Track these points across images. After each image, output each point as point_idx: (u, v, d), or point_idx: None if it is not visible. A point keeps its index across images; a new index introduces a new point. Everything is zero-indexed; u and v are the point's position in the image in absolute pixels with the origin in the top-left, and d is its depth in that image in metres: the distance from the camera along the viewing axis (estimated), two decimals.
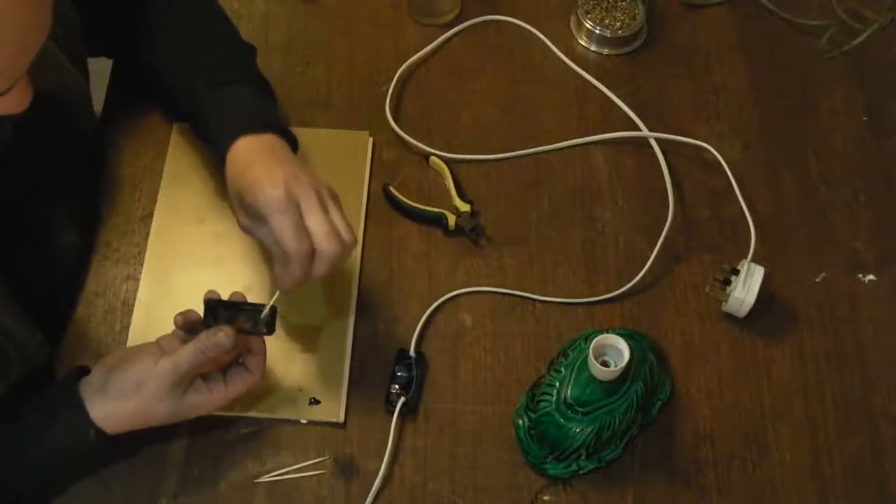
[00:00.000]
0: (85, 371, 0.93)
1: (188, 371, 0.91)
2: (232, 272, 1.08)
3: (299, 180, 0.94)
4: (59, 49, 1.02)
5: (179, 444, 0.99)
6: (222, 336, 0.91)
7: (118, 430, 0.92)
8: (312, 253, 0.92)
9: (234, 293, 0.96)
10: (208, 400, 0.93)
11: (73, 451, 0.92)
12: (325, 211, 0.93)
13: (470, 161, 1.18)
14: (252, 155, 0.97)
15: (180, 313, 0.95)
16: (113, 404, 0.90)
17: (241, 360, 0.96)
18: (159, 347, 0.94)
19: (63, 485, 0.97)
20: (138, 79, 1.14)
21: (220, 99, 1.04)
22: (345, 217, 0.95)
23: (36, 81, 0.79)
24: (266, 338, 0.97)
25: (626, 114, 1.21)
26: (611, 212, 1.15)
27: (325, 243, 0.92)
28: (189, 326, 0.95)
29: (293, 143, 1.03)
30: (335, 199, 0.96)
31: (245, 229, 0.98)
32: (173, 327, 0.96)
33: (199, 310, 0.95)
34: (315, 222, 0.92)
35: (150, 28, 1.10)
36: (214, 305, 0.94)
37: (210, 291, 0.95)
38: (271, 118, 1.04)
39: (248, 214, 0.96)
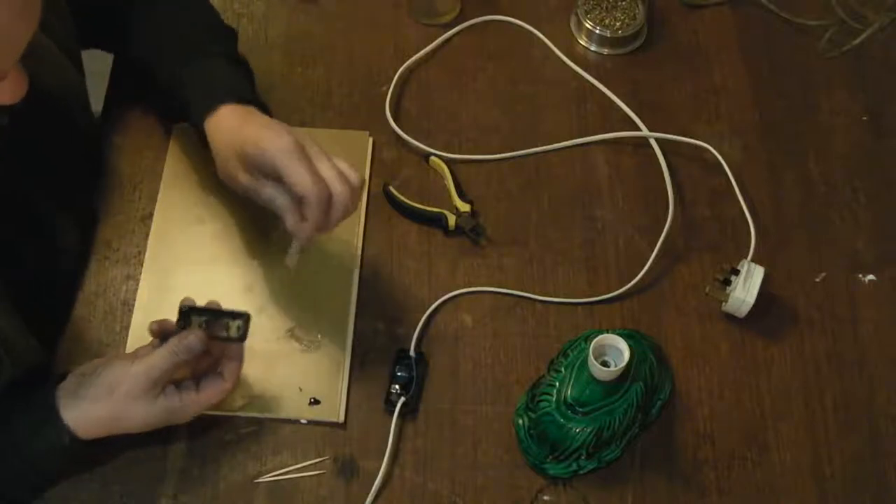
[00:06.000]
0: (64, 378, 0.93)
1: (161, 375, 0.90)
2: (231, 272, 1.08)
3: (297, 132, 0.95)
4: (56, 44, 1.02)
5: (179, 444, 0.99)
6: (193, 339, 0.91)
7: (92, 434, 0.91)
8: (330, 197, 0.93)
9: (211, 301, 0.95)
10: (180, 406, 0.92)
11: (48, 455, 0.91)
12: (329, 156, 0.95)
13: (470, 161, 1.18)
14: (238, 118, 0.98)
15: (155, 321, 0.95)
16: (86, 407, 0.90)
17: (218, 370, 0.95)
18: (134, 355, 0.93)
19: (42, 491, 0.95)
20: (133, 76, 1.14)
21: (201, 69, 1.04)
22: (345, 161, 0.96)
23: (34, 77, 0.78)
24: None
25: (626, 114, 1.21)
26: (611, 212, 1.15)
27: (338, 186, 0.93)
28: (164, 334, 0.94)
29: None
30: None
31: (246, 189, 0.98)
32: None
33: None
34: (326, 167, 0.94)
35: (132, 8, 1.10)
36: (188, 311, 0.94)
37: (186, 298, 0.95)
38: (250, 93, 1.05)
39: (249, 171, 0.96)
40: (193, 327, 0.93)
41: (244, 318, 0.94)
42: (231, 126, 0.98)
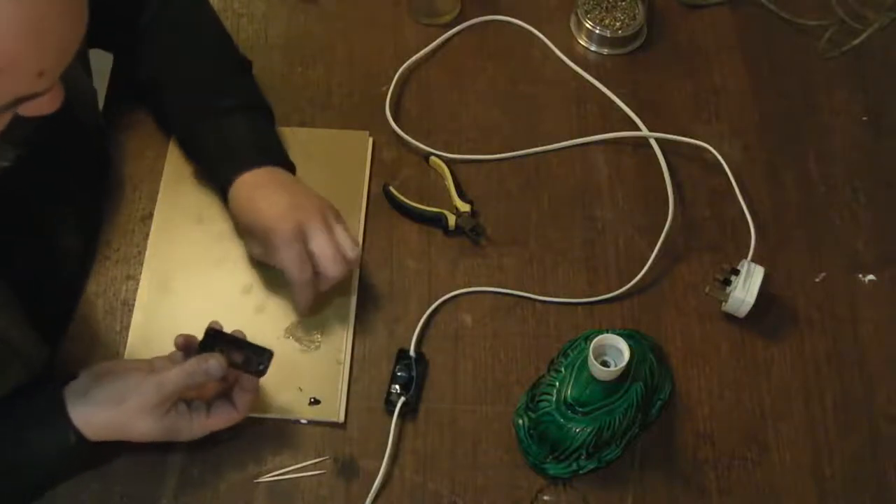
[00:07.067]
0: (73, 378, 0.93)
1: (173, 392, 0.90)
2: (232, 272, 1.08)
3: (303, 206, 0.99)
4: None
5: (179, 444, 0.99)
6: (213, 363, 0.91)
7: (98, 437, 0.91)
8: (315, 277, 0.99)
9: (236, 331, 0.96)
10: (187, 426, 0.92)
11: (54, 454, 0.91)
12: (330, 231, 0.99)
13: (470, 161, 1.18)
14: (253, 191, 1.02)
15: (182, 335, 0.95)
16: (93, 410, 0.90)
17: (230, 395, 0.95)
18: (151, 365, 0.93)
19: (47, 490, 0.95)
20: (138, 92, 1.15)
21: (218, 132, 1.06)
22: (348, 233, 1.01)
23: None
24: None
25: (626, 114, 1.21)
26: (611, 212, 1.15)
27: (329, 266, 0.99)
28: (188, 348, 0.94)
29: (291, 170, 1.07)
30: (338, 217, 1.02)
31: (258, 258, 1.04)
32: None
33: (200, 330, 0.95)
34: (320, 246, 0.98)
35: (143, 36, 1.10)
36: (214, 334, 0.94)
37: (214, 322, 0.95)
38: (269, 147, 1.07)
39: (258, 246, 1.02)
40: (215, 352, 0.93)
41: (268, 355, 0.94)
42: (244, 199, 1.02)
